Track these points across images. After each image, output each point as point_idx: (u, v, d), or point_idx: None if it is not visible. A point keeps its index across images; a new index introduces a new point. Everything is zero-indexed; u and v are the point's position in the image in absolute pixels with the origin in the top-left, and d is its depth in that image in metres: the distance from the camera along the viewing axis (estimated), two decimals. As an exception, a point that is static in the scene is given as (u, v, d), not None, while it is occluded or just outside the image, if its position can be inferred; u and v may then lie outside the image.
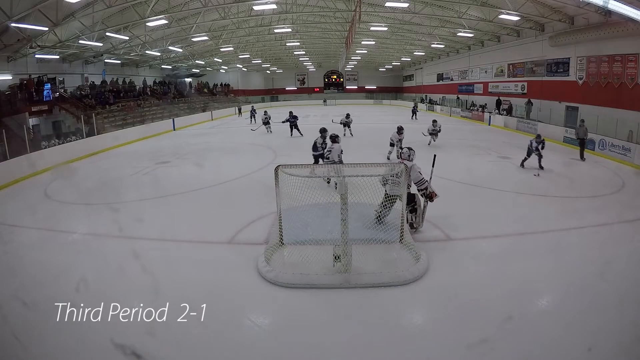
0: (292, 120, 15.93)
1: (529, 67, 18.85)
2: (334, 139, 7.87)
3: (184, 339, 3.33)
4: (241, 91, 38.95)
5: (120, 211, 6.90)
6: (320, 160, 8.39)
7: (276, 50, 30.20)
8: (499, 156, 11.55)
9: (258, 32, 22.20)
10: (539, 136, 9.61)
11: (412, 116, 23.90)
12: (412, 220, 5.52)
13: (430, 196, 5.41)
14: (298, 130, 15.86)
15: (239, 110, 29.92)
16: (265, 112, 18.42)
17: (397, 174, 5.06)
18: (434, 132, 13.08)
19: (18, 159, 9.94)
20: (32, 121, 15.13)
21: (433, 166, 5.56)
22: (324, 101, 40.99)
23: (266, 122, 17.62)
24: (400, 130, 10.63)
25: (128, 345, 3.14)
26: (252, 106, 23.69)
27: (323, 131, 8.67)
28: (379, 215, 5.36)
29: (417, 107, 26.30)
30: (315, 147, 8.65)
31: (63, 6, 12.26)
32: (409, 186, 5.16)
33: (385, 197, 5.30)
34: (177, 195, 7.93)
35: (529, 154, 9.50)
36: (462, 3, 15.28)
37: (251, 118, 21.94)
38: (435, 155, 5.49)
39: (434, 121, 13.39)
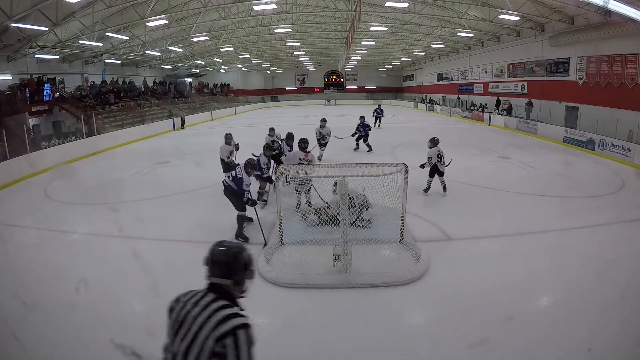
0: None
1: (529, 67, 18.84)
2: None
3: (184, 339, 3.33)
4: (241, 91, 38.92)
5: (120, 211, 6.89)
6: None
7: (276, 50, 30.17)
8: (499, 156, 11.54)
9: (258, 32, 22.18)
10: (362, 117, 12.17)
11: (376, 122, 17.24)
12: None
13: None
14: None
15: (182, 120, 21.18)
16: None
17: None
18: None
19: (18, 159, 9.93)
20: (32, 121, 15.09)
21: None
22: (328, 101, 40.79)
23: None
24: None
25: (128, 345, 3.14)
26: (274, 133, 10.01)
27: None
28: (357, 218, 5.18)
29: (381, 108, 18.41)
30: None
31: (63, 6, 12.24)
32: None
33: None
34: (177, 195, 7.93)
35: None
36: (462, 3, 15.26)
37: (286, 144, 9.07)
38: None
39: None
